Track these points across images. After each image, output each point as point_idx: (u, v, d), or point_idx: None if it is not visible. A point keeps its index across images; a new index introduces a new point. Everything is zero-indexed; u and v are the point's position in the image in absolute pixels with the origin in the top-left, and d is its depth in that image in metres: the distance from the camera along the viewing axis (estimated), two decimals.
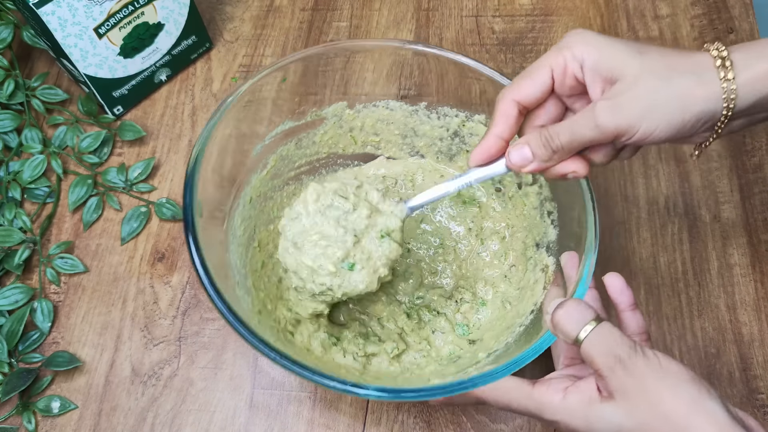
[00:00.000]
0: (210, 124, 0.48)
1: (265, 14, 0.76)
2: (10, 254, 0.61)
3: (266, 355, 0.41)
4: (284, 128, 0.55)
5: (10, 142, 0.66)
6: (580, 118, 0.39)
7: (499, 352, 0.47)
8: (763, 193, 0.62)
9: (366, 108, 0.58)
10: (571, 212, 0.48)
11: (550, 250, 0.51)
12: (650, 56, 0.38)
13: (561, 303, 0.40)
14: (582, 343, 0.38)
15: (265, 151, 0.55)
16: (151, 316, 0.59)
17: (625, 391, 0.37)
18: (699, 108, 0.37)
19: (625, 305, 0.45)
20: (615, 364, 0.37)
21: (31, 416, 0.55)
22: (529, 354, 0.42)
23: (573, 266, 0.47)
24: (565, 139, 0.40)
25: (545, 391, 0.41)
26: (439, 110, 0.57)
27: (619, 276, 0.45)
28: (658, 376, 0.37)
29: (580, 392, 0.39)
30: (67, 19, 0.58)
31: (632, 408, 0.37)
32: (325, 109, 0.57)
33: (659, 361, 0.37)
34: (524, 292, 0.53)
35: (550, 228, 0.52)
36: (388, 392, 0.41)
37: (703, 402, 0.36)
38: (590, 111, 0.38)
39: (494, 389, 0.42)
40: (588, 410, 0.38)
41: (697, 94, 0.37)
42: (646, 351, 0.37)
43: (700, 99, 0.37)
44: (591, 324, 0.38)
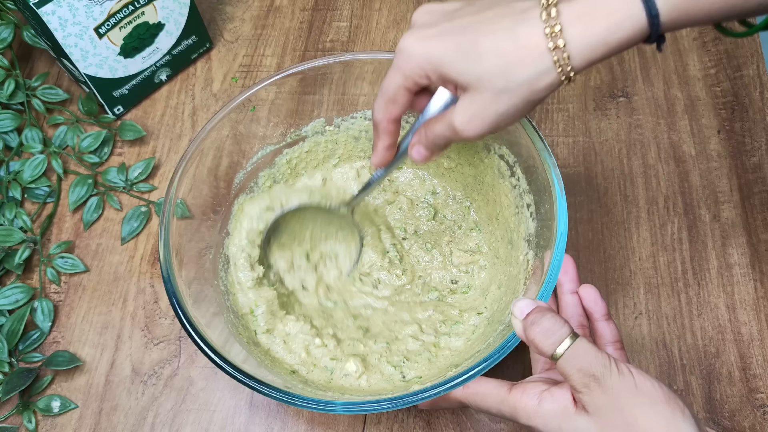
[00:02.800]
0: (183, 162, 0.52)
1: (266, 14, 0.76)
2: (10, 254, 0.61)
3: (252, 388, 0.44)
4: (264, 153, 0.58)
5: (11, 142, 0.66)
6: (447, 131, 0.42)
7: (482, 351, 0.47)
8: (762, 192, 0.62)
9: (345, 121, 0.60)
10: (545, 204, 0.49)
11: (530, 244, 0.51)
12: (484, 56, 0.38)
13: (537, 319, 0.40)
14: (558, 359, 0.38)
15: (248, 177, 0.58)
16: (151, 315, 0.59)
17: (600, 408, 0.37)
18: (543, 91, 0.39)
19: (599, 315, 0.47)
20: (590, 381, 0.37)
21: (31, 416, 0.55)
22: (497, 352, 0.42)
23: (565, 271, 0.48)
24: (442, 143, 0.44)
25: (520, 396, 0.41)
26: None
27: (593, 287, 0.48)
28: (632, 396, 0.37)
29: (554, 401, 0.40)
30: (68, 19, 0.58)
31: (606, 425, 0.37)
32: (304, 128, 0.59)
33: (634, 380, 0.37)
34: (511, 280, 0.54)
35: (529, 221, 0.52)
36: (356, 405, 0.42)
37: (677, 423, 0.36)
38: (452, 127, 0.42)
39: (474, 394, 0.43)
40: (561, 419, 0.39)
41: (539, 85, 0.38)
42: (621, 368, 0.38)
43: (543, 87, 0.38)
44: (567, 340, 0.38)
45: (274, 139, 0.58)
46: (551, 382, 0.42)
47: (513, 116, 0.40)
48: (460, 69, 0.39)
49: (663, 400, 0.37)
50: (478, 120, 0.40)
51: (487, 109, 0.40)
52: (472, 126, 0.41)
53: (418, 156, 0.46)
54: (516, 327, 0.41)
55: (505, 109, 0.39)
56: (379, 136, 0.47)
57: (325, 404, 0.42)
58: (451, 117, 0.41)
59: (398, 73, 0.42)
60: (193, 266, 0.51)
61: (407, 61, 0.41)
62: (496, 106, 0.39)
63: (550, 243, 0.46)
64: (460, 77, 0.40)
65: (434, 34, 0.41)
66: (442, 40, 0.40)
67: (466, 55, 0.39)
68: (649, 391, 0.37)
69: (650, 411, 0.37)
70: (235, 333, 0.50)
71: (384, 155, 0.48)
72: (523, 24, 0.38)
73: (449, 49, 0.40)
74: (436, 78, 0.41)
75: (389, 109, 0.45)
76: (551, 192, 0.47)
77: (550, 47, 0.37)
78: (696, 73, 0.69)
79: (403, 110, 0.45)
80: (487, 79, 0.39)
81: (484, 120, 0.40)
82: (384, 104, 0.45)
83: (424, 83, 0.42)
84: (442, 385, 0.42)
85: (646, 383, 0.37)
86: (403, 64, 0.42)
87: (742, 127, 0.65)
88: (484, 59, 0.38)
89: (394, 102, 0.44)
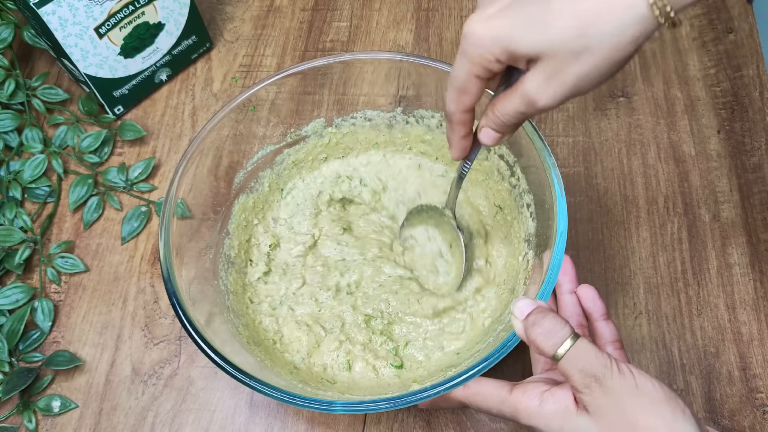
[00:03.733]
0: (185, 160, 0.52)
1: (266, 14, 0.76)
2: (10, 254, 0.61)
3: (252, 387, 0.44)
4: (264, 153, 0.58)
5: (11, 142, 0.66)
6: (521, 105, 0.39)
7: (481, 350, 0.47)
8: (762, 192, 0.62)
9: (345, 121, 0.60)
10: (544, 205, 0.49)
11: (530, 243, 0.51)
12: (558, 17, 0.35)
13: (538, 320, 0.40)
14: (559, 360, 0.38)
15: (248, 177, 0.58)
16: (151, 315, 0.59)
17: (602, 408, 0.37)
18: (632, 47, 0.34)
19: (598, 315, 0.47)
20: (592, 382, 0.37)
21: (31, 415, 0.55)
22: (496, 352, 0.42)
23: (564, 271, 0.48)
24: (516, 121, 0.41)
25: (521, 397, 0.41)
26: (416, 113, 0.58)
27: (592, 287, 0.47)
28: (633, 396, 0.37)
29: (556, 401, 0.40)
30: (68, 19, 0.58)
31: (607, 425, 0.37)
32: (304, 128, 0.59)
33: (635, 379, 0.37)
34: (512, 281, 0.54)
35: (529, 221, 0.52)
36: (356, 405, 0.42)
37: (677, 423, 0.36)
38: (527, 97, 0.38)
39: (474, 394, 0.43)
40: (563, 420, 0.39)
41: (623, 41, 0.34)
42: (622, 368, 0.38)
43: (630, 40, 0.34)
44: (568, 341, 0.38)
45: (274, 139, 0.58)
46: (552, 382, 0.42)
47: (596, 79, 0.36)
48: (530, 39, 0.35)
49: (663, 400, 0.37)
50: (556, 84, 0.36)
51: (565, 72, 0.35)
52: (548, 92, 0.37)
53: (487, 139, 0.43)
54: (516, 327, 0.41)
55: (586, 70, 0.35)
56: (453, 128, 0.44)
57: (325, 404, 0.42)
58: (523, 87, 0.38)
59: (465, 60, 0.39)
60: (193, 266, 0.51)
61: (474, 46, 0.38)
62: (576, 68, 0.35)
63: (550, 243, 0.46)
64: (531, 48, 0.36)
65: (499, 11, 0.37)
66: (508, 15, 0.36)
67: (534, 24, 0.35)
68: (650, 391, 0.37)
69: (651, 411, 0.37)
70: (235, 333, 0.50)
71: (462, 146, 0.45)
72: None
73: (516, 22, 0.36)
74: (506, 59, 0.37)
75: (461, 99, 0.41)
76: (551, 192, 0.47)
77: None
78: (696, 73, 0.69)
79: (477, 99, 0.41)
80: (564, 43, 0.35)
81: (563, 84, 0.36)
82: (455, 95, 0.41)
83: (495, 69, 0.38)
84: (442, 384, 0.42)
85: (647, 383, 0.37)
86: (470, 49, 0.38)
87: (742, 127, 0.65)
88: (557, 23, 0.34)
89: (464, 91, 0.41)
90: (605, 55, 0.34)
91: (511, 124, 0.41)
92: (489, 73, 0.39)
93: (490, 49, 0.37)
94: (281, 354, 0.53)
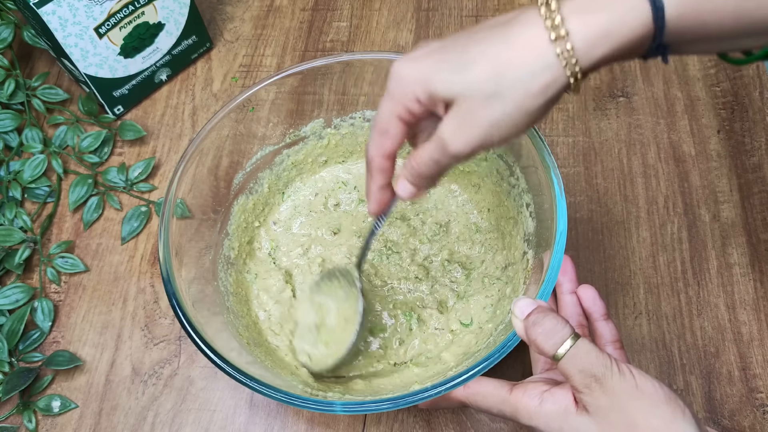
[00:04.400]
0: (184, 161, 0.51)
1: (266, 14, 0.76)
2: (10, 254, 0.61)
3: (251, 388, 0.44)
4: (263, 154, 0.58)
5: (11, 142, 0.66)
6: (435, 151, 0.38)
7: (482, 351, 0.47)
8: (762, 192, 0.62)
9: (344, 121, 0.60)
10: (543, 204, 0.49)
11: (530, 243, 0.51)
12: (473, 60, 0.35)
13: (538, 320, 0.40)
14: (560, 360, 0.38)
15: (247, 178, 0.58)
16: (151, 315, 0.59)
17: (602, 408, 0.37)
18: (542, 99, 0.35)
19: (598, 315, 0.47)
20: (592, 382, 0.37)
21: (31, 415, 0.55)
22: (497, 351, 0.42)
23: (564, 271, 0.48)
24: (430, 171, 0.40)
25: (521, 396, 0.41)
26: None
27: (592, 287, 0.47)
28: (633, 396, 0.37)
29: (556, 401, 0.40)
30: (68, 19, 0.58)
31: (607, 426, 0.37)
32: (303, 128, 0.59)
33: (635, 380, 0.37)
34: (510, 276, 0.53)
35: (528, 220, 0.52)
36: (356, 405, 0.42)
37: (677, 423, 0.37)
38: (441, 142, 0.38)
39: (474, 394, 0.43)
40: (563, 419, 0.39)
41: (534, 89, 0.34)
42: (622, 369, 0.38)
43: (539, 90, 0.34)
44: (569, 341, 0.38)
45: (273, 140, 0.58)
46: (552, 382, 0.42)
47: (508, 128, 0.36)
48: (446, 79, 0.36)
49: (663, 401, 0.37)
50: (468, 129, 0.36)
51: (478, 116, 0.35)
52: (461, 136, 0.36)
53: (403, 191, 0.42)
54: (517, 327, 0.41)
55: (498, 116, 0.35)
56: (372, 176, 0.42)
57: (325, 404, 0.42)
58: (437, 132, 0.37)
59: (388, 99, 0.39)
60: (193, 266, 0.51)
61: (396, 84, 0.38)
62: (488, 112, 0.35)
63: (550, 242, 0.46)
64: (446, 89, 0.36)
65: (425, 54, 0.37)
66: (432, 57, 0.37)
67: (453, 66, 0.36)
68: (650, 391, 0.37)
69: (651, 411, 0.37)
70: (235, 333, 0.50)
71: (379, 198, 0.43)
72: (516, 26, 0.35)
73: (438, 65, 0.36)
74: (426, 98, 0.37)
75: (382, 142, 0.40)
76: (551, 192, 0.47)
77: (552, 38, 0.33)
78: (696, 73, 0.69)
79: (398, 144, 0.40)
80: (476, 85, 0.35)
81: (475, 129, 0.36)
82: (376, 138, 0.40)
83: (415, 109, 0.38)
84: (442, 384, 0.42)
85: (647, 384, 0.37)
86: (393, 88, 0.38)
87: (742, 127, 0.65)
88: (473, 66, 0.35)
89: (385, 133, 0.40)
90: (516, 101, 0.35)
91: (427, 175, 0.40)
92: (410, 115, 0.38)
93: (412, 88, 0.37)
94: (282, 355, 0.53)
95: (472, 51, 0.35)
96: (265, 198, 0.60)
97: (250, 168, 0.58)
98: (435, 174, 0.40)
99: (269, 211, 0.60)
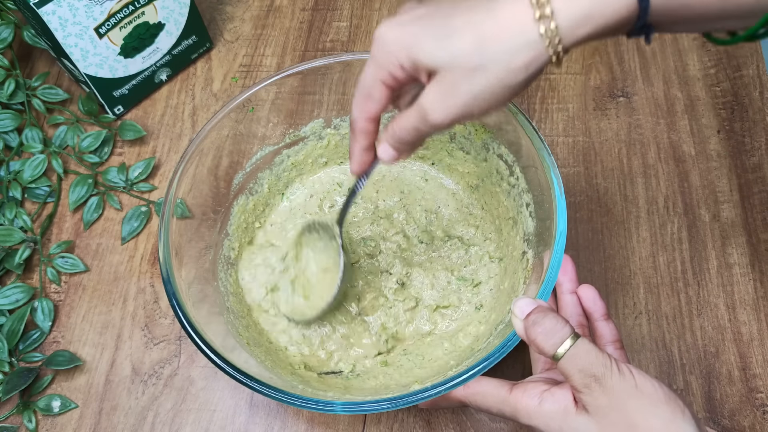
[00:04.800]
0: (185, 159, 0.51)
1: (266, 14, 0.76)
2: (10, 254, 0.61)
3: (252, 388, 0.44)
4: (263, 154, 0.58)
5: (11, 142, 0.66)
6: (416, 120, 0.39)
7: (481, 350, 0.47)
8: (762, 192, 0.62)
9: (344, 121, 0.60)
10: (544, 204, 0.49)
11: (529, 243, 0.51)
12: (458, 33, 0.36)
13: (538, 320, 0.40)
14: (560, 360, 0.38)
15: (247, 178, 0.58)
16: (151, 315, 0.59)
17: (601, 408, 0.37)
18: (523, 74, 0.35)
19: (598, 315, 0.47)
20: (592, 382, 0.37)
21: (31, 415, 0.55)
22: (497, 351, 0.42)
23: (564, 270, 0.48)
24: (411, 137, 0.41)
25: (521, 396, 0.41)
26: None
27: (592, 287, 0.48)
28: (633, 396, 0.37)
29: (555, 401, 0.40)
30: (68, 19, 0.58)
31: (606, 425, 0.37)
32: (303, 128, 0.59)
33: (635, 380, 0.38)
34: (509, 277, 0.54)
35: (528, 220, 0.52)
36: (356, 405, 0.42)
37: (677, 423, 0.37)
38: (422, 111, 0.38)
39: (474, 393, 0.43)
40: (563, 419, 0.39)
41: (517, 64, 0.35)
42: (622, 368, 0.38)
43: (522, 65, 0.35)
44: (568, 341, 0.38)
45: (273, 140, 0.58)
46: (552, 382, 0.42)
47: (488, 101, 0.36)
48: (430, 49, 0.36)
49: (663, 401, 0.37)
50: (449, 100, 0.36)
51: (459, 88, 0.36)
52: (441, 107, 0.37)
53: (384, 154, 0.43)
54: (516, 326, 0.41)
55: (478, 89, 0.36)
56: (356, 137, 0.43)
57: (325, 404, 0.42)
58: (419, 100, 0.38)
59: (372, 63, 0.39)
60: (193, 266, 0.51)
61: (380, 49, 0.38)
62: (469, 85, 0.36)
63: (550, 242, 0.46)
64: (430, 58, 0.36)
65: (410, 20, 0.38)
66: (417, 24, 0.37)
67: (437, 35, 0.36)
68: (650, 391, 0.37)
69: (650, 411, 0.37)
70: (235, 333, 0.50)
71: (361, 160, 0.44)
72: (504, 14, 0.35)
73: (422, 32, 0.37)
74: (409, 65, 0.37)
75: (365, 105, 0.41)
76: (551, 192, 0.47)
77: (536, 16, 0.33)
78: (696, 72, 0.69)
79: (381, 107, 0.41)
80: (460, 57, 0.35)
81: (456, 100, 0.36)
82: (360, 101, 0.41)
83: (399, 75, 0.38)
84: (443, 384, 0.42)
85: (647, 384, 0.37)
86: (377, 52, 0.39)
87: (742, 127, 0.65)
88: (457, 36, 0.35)
89: (369, 97, 0.40)
90: (498, 75, 0.35)
91: (407, 141, 0.41)
92: (393, 81, 0.39)
93: (396, 53, 0.38)
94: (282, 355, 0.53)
95: (456, 20, 0.36)
96: (265, 198, 0.60)
97: (250, 168, 0.58)
98: (415, 140, 0.41)
99: (269, 212, 0.60)
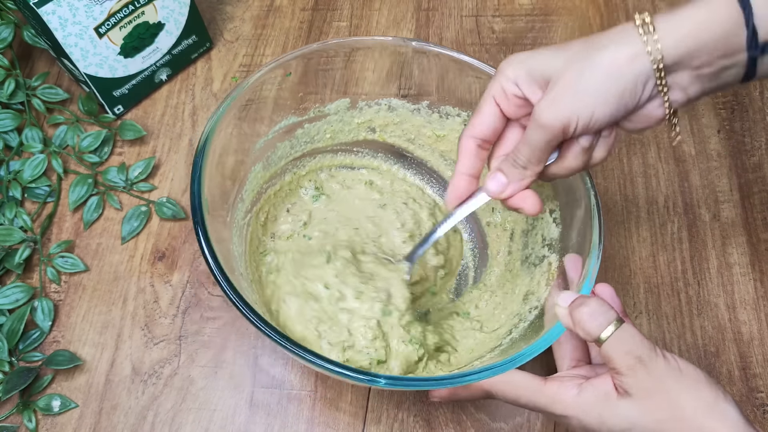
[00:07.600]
0: (211, 122, 0.49)
1: (266, 14, 0.76)
2: (10, 253, 0.61)
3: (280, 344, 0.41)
4: (287, 123, 0.57)
5: (11, 142, 0.66)
6: (528, 128, 0.41)
7: (504, 347, 0.47)
8: (762, 192, 0.62)
9: (369, 106, 0.58)
10: (573, 211, 0.49)
11: (552, 248, 0.51)
12: (573, 47, 0.39)
13: (584, 301, 0.40)
14: (604, 342, 0.39)
15: (267, 146, 0.56)
16: (151, 315, 0.59)
17: (645, 390, 0.38)
18: (628, 70, 0.37)
19: None
20: (636, 364, 0.38)
21: (31, 415, 0.55)
22: (535, 348, 0.42)
23: (576, 269, 0.48)
24: (526, 152, 0.41)
25: (558, 388, 0.41)
26: (441, 109, 0.57)
27: (609, 286, 0.48)
28: (677, 378, 0.38)
29: (595, 389, 0.40)
30: (68, 19, 0.58)
31: (650, 406, 0.38)
32: (328, 105, 0.58)
33: (678, 363, 0.39)
34: (521, 280, 0.53)
35: (551, 225, 0.52)
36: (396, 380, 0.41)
37: (719, 404, 0.38)
38: (533, 116, 0.40)
39: (505, 383, 0.43)
40: (603, 406, 0.40)
41: (620, 58, 0.37)
42: (665, 353, 0.39)
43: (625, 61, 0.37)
44: (613, 325, 0.39)
45: (297, 112, 0.57)
46: (582, 378, 0.42)
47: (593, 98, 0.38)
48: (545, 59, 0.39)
49: (706, 383, 0.38)
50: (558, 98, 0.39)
51: (567, 86, 0.38)
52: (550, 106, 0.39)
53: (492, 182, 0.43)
54: (560, 313, 0.42)
55: (583, 88, 0.38)
56: (459, 159, 0.43)
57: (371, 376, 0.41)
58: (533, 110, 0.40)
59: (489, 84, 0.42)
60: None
61: (498, 71, 0.41)
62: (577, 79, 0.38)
63: (584, 249, 0.46)
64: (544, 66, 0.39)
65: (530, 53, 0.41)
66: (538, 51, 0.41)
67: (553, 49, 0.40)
68: (693, 374, 0.39)
69: (694, 393, 0.38)
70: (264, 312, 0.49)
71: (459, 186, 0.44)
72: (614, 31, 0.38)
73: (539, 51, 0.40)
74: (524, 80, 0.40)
75: (471, 122, 0.42)
76: (587, 202, 0.47)
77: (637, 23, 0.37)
78: None
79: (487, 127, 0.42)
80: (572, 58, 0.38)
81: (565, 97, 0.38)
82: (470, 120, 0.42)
83: (512, 91, 0.41)
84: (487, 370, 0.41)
85: (689, 367, 0.39)
86: (495, 75, 0.41)
87: (742, 126, 0.65)
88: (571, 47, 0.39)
89: (477, 112, 0.42)
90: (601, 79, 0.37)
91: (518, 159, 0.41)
92: (504, 97, 0.41)
93: (512, 68, 0.40)
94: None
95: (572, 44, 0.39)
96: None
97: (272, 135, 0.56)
98: (527, 157, 0.41)
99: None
